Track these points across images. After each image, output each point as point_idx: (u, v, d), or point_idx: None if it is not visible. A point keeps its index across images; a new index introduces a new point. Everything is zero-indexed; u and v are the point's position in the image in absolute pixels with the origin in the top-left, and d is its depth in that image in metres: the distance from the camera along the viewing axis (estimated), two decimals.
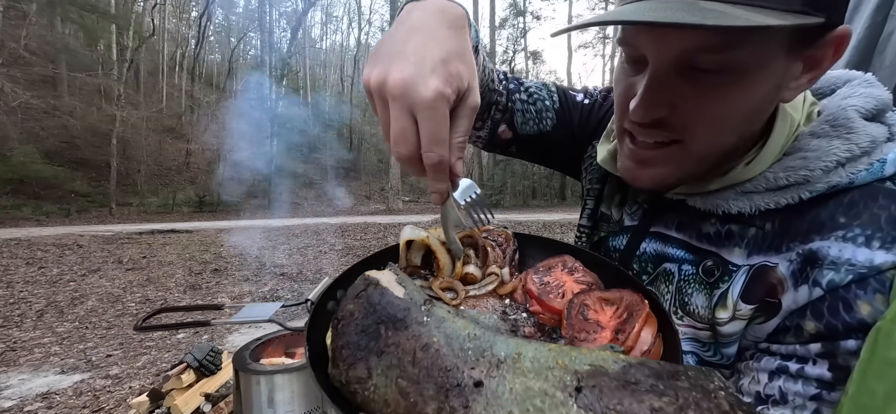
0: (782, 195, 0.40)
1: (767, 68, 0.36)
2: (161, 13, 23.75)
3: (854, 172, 0.38)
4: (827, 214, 0.38)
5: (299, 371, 1.56)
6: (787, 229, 0.40)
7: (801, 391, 0.37)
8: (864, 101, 0.42)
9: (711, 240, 0.44)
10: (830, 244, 0.37)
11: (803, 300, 0.37)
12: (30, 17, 13.50)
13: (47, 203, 12.64)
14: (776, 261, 0.40)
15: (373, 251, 0.45)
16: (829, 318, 0.36)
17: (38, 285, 4.57)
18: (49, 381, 2.53)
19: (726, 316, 0.42)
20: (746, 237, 0.42)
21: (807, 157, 0.39)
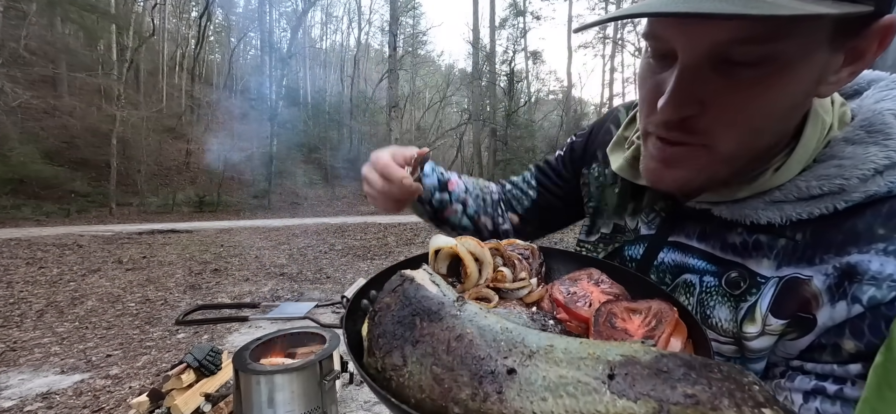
0: (816, 205, 0.37)
1: (809, 60, 0.33)
2: (161, 13, 23.74)
3: (893, 181, 0.35)
4: (864, 225, 0.35)
5: (299, 371, 1.56)
6: (820, 240, 0.37)
7: (840, 413, 0.35)
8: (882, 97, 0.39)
9: (737, 250, 0.42)
10: (870, 258, 0.34)
11: (841, 317, 0.35)
12: (30, 17, 13.50)
13: (47, 203, 12.63)
14: (809, 273, 0.37)
15: (373, 251, 0.46)
16: (870, 337, 0.33)
17: (38, 285, 4.57)
18: (49, 381, 2.53)
19: (755, 330, 0.40)
20: (776, 248, 0.39)
21: (842, 165, 0.37)
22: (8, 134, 12.62)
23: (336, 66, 34.51)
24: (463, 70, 31.68)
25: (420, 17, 31.55)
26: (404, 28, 28.00)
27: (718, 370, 0.25)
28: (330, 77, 35.14)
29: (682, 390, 0.23)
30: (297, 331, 2.03)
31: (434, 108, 31.56)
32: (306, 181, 21.70)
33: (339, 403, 2.20)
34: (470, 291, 0.39)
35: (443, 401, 0.25)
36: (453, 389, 0.25)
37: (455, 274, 0.42)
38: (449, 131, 29.88)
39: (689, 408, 0.23)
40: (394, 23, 16.82)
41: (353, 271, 5.67)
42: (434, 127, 31.27)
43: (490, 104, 23.23)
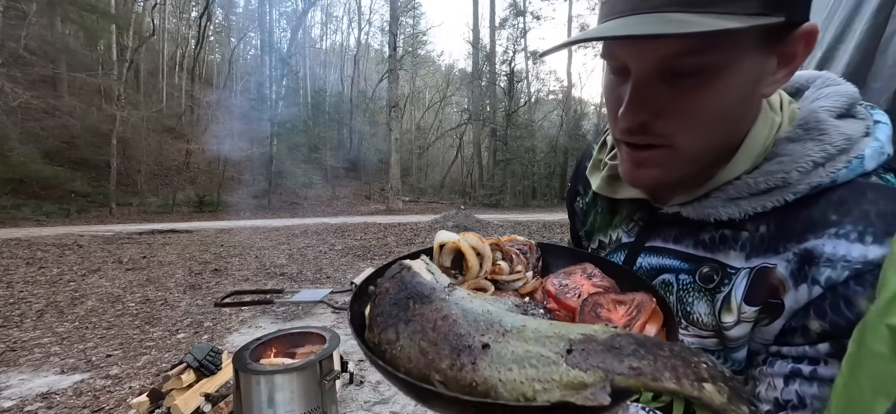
0: (767, 199, 0.41)
1: (741, 66, 0.38)
2: (161, 13, 23.74)
3: (834, 171, 0.39)
4: (819, 213, 0.39)
5: (299, 371, 1.56)
6: (782, 231, 0.41)
7: (818, 394, 0.37)
8: (833, 101, 0.43)
9: (707, 247, 0.46)
10: (824, 242, 0.37)
11: (805, 299, 0.38)
12: (30, 17, 13.50)
13: (47, 203, 12.63)
14: (775, 261, 0.40)
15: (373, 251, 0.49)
16: (833, 316, 0.36)
17: (38, 285, 4.57)
18: (49, 381, 2.53)
19: (732, 320, 0.43)
20: (740, 240, 0.43)
21: (783, 161, 0.41)
22: (8, 134, 12.62)
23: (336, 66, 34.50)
24: (463, 70, 31.68)
25: (420, 17, 31.55)
26: (404, 28, 28.00)
27: (669, 350, 0.27)
28: (330, 77, 35.13)
29: (629, 364, 0.26)
30: (297, 331, 2.03)
31: (434, 108, 31.56)
32: (306, 181, 21.68)
33: (339, 403, 2.20)
34: (469, 283, 0.42)
35: (426, 370, 0.29)
36: (435, 360, 0.29)
37: (458, 267, 0.46)
38: (449, 131, 29.88)
39: (632, 378, 0.26)
40: (394, 23, 16.82)
41: (352, 271, 5.67)
42: (434, 127, 31.26)
43: (490, 104, 23.23)
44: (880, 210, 0.36)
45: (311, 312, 3.94)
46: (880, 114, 0.44)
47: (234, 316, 3.79)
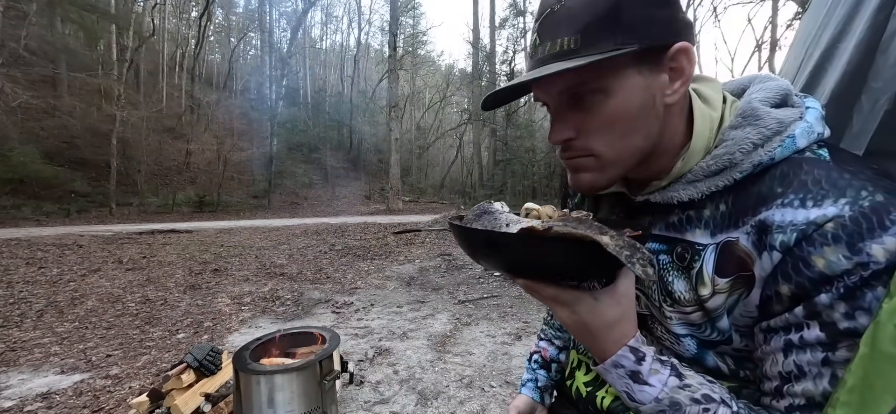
0: (719, 179, 0.48)
1: (627, 84, 0.46)
2: (161, 13, 23.75)
3: (771, 150, 0.46)
4: (766, 188, 0.45)
5: (299, 371, 1.56)
6: (738, 207, 0.47)
7: (812, 359, 0.41)
8: (766, 94, 0.50)
9: (676, 228, 0.52)
10: (774, 212, 0.43)
11: (769, 266, 0.43)
12: (30, 17, 13.50)
13: (47, 203, 12.63)
14: (736, 235, 0.46)
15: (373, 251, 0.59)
16: (796, 277, 0.41)
17: (38, 285, 4.57)
18: (49, 381, 2.53)
19: (707, 292, 0.48)
20: (703, 219, 0.50)
21: (728, 146, 0.48)
22: (8, 134, 12.62)
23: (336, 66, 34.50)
24: (463, 70, 31.69)
25: (420, 17, 31.56)
26: (404, 28, 28.00)
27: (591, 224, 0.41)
28: (330, 77, 35.13)
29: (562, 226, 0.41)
30: (297, 331, 2.03)
31: (434, 108, 31.56)
32: (306, 181, 21.69)
33: (339, 403, 2.20)
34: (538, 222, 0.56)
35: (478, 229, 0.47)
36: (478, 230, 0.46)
37: None
38: (449, 131, 29.88)
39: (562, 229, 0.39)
40: (394, 23, 16.81)
41: (352, 271, 5.67)
42: (434, 127, 31.27)
43: None
44: (815, 178, 0.42)
45: (311, 312, 3.94)
46: (812, 101, 0.51)
47: (233, 316, 3.79)
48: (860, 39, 0.64)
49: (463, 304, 4.04)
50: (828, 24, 0.75)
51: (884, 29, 0.61)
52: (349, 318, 3.74)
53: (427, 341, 3.12)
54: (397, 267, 5.95)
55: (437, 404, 2.24)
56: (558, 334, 0.87)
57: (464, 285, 4.80)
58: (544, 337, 0.88)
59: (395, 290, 4.73)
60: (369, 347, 3.00)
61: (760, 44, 16.39)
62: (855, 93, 0.64)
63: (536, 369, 0.85)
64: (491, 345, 3.04)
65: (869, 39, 0.63)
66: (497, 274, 5.07)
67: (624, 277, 0.46)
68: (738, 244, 0.45)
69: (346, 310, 3.97)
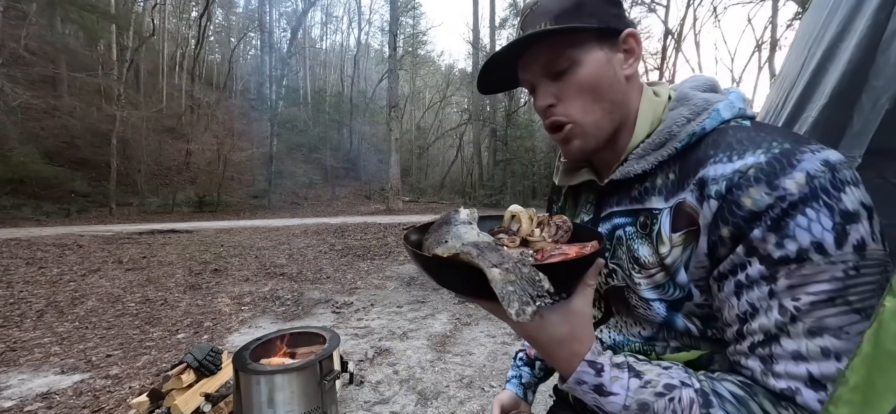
0: (663, 151, 0.57)
1: (591, 57, 0.57)
2: (161, 13, 23.74)
3: (701, 123, 0.55)
4: (702, 152, 0.53)
5: (299, 371, 1.56)
6: (682, 172, 0.55)
7: (760, 294, 0.46)
8: (696, 83, 0.61)
9: (638, 199, 0.60)
10: (709, 169, 0.50)
11: (710, 214, 0.49)
12: (30, 17, 13.50)
13: (47, 203, 12.63)
14: (684, 195, 0.53)
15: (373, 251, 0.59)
16: (731, 218, 0.47)
17: (38, 285, 4.57)
18: (49, 381, 2.53)
19: (666, 250, 0.55)
20: (656, 187, 0.58)
21: (666, 122, 0.57)
22: (8, 134, 12.62)
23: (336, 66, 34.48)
24: (463, 70, 31.66)
25: (420, 17, 31.53)
26: (404, 28, 27.98)
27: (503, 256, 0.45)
28: (330, 77, 35.11)
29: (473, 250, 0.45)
30: (297, 331, 2.02)
31: (434, 108, 31.53)
32: (306, 181, 21.68)
33: (339, 403, 2.20)
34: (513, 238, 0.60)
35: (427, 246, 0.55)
36: (430, 242, 0.55)
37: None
38: (449, 131, 29.86)
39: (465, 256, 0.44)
40: (394, 23, 16.81)
41: (352, 271, 5.67)
42: (434, 127, 31.25)
43: (490, 104, 23.22)
44: (738, 139, 0.51)
45: (311, 312, 3.94)
46: (735, 90, 0.59)
47: (234, 316, 3.79)
48: (861, 38, 0.64)
49: (463, 304, 4.04)
50: (830, 24, 0.75)
51: (885, 28, 0.60)
52: (349, 318, 3.73)
53: (427, 341, 3.12)
54: (397, 267, 5.94)
55: (437, 404, 2.24)
56: None
57: None
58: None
59: (395, 290, 4.73)
60: (369, 347, 3.00)
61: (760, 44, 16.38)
62: (856, 92, 0.64)
63: (521, 366, 0.92)
64: (491, 345, 3.04)
65: (870, 38, 0.63)
66: None
67: (579, 297, 0.49)
68: (686, 202, 0.53)
69: (346, 310, 3.97)
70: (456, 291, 0.48)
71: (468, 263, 0.43)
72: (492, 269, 0.41)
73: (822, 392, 0.42)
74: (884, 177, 0.58)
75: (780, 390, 0.44)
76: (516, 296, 0.38)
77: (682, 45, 18.96)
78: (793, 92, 0.84)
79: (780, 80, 0.96)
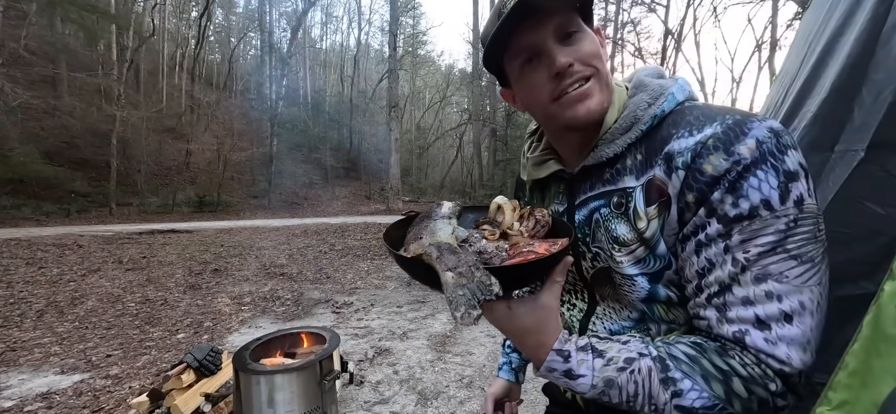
0: (630, 134, 0.60)
1: (589, 32, 0.62)
2: (161, 13, 23.73)
3: (660, 105, 0.59)
4: (665, 131, 0.57)
5: (299, 371, 1.56)
6: (649, 152, 0.59)
7: (716, 251, 0.50)
8: (648, 71, 0.66)
9: (611, 181, 0.63)
10: (673, 144, 0.55)
11: (678, 184, 0.53)
12: (30, 17, 13.50)
13: (47, 203, 12.63)
14: (653, 172, 0.57)
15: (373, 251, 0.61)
16: (696, 184, 0.51)
17: (38, 285, 4.57)
18: (49, 381, 2.53)
19: (643, 224, 0.58)
20: (627, 167, 0.61)
21: (630, 108, 0.62)
22: (8, 134, 12.62)
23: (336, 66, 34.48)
24: (463, 70, 31.64)
25: (420, 17, 31.54)
26: (404, 28, 27.98)
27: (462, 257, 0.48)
28: (330, 77, 35.10)
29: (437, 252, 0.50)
30: (297, 331, 2.02)
31: (434, 108, 31.53)
32: (306, 181, 21.67)
33: (339, 403, 2.20)
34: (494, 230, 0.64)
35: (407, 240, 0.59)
36: (408, 237, 0.59)
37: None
38: (449, 131, 29.84)
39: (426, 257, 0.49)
40: (394, 23, 16.81)
41: (352, 271, 5.66)
42: (434, 127, 31.24)
43: (490, 104, 23.20)
44: (695, 116, 0.56)
45: (311, 312, 3.94)
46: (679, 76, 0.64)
47: (234, 316, 3.79)
48: (860, 32, 0.64)
49: None
50: (830, 19, 0.75)
51: (884, 21, 0.60)
52: (349, 318, 3.73)
53: (427, 341, 3.11)
54: (397, 267, 5.94)
55: (437, 404, 2.24)
56: None
57: None
58: None
59: (395, 290, 4.73)
60: (369, 347, 3.00)
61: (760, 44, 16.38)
62: (855, 86, 0.63)
63: (509, 353, 0.97)
64: (491, 345, 3.04)
65: (869, 32, 0.62)
66: None
67: (546, 292, 0.54)
68: (656, 177, 0.56)
69: (346, 310, 3.97)
70: (429, 286, 0.52)
71: (427, 264, 0.48)
72: (446, 273, 0.45)
73: (766, 331, 0.47)
74: (886, 170, 0.58)
75: (733, 334, 0.49)
76: (464, 300, 0.42)
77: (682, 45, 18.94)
78: (792, 87, 0.83)
79: (781, 78, 0.96)
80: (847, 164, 0.62)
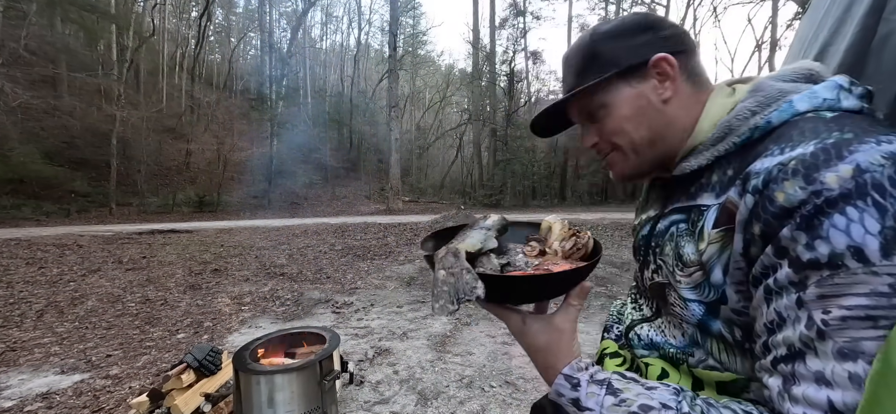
0: (720, 146, 0.53)
1: (622, 96, 0.59)
2: (161, 13, 23.74)
3: (767, 115, 0.49)
4: (763, 147, 0.48)
5: (299, 371, 1.56)
6: (740, 169, 0.49)
7: (788, 303, 0.41)
8: (783, 72, 0.55)
9: (692, 196, 0.57)
10: (756, 163, 0.45)
11: (745, 211, 0.45)
12: (30, 17, 13.50)
13: (47, 203, 12.64)
14: (730, 191, 0.49)
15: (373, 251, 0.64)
16: (763, 215, 0.43)
17: (38, 285, 4.57)
18: (49, 381, 2.54)
19: (704, 245, 0.51)
20: (711, 183, 0.54)
21: (729, 116, 0.53)
22: (8, 134, 12.62)
23: (336, 66, 34.48)
24: (463, 70, 31.63)
25: (420, 17, 31.56)
26: (404, 28, 27.99)
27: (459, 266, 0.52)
28: (330, 77, 35.11)
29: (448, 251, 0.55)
30: (297, 331, 2.03)
31: (434, 108, 31.53)
32: (306, 181, 21.67)
33: (339, 403, 2.20)
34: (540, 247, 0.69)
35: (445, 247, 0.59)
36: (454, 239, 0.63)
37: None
38: (449, 131, 29.84)
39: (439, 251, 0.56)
40: (394, 23, 16.81)
41: (352, 271, 5.67)
42: (434, 127, 31.24)
43: (490, 104, 23.21)
44: (800, 130, 0.45)
45: (311, 312, 3.94)
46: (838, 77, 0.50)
47: (234, 316, 3.79)
48: (851, 43, 0.64)
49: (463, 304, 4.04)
50: (823, 26, 0.75)
51: (874, 32, 0.60)
52: (349, 318, 3.74)
53: (427, 341, 3.12)
54: (397, 267, 5.95)
55: (437, 404, 2.24)
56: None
57: None
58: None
59: (395, 290, 4.73)
60: (369, 347, 3.00)
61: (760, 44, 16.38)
62: None
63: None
64: (491, 345, 3.04)
65: (859, 42, 0.62)
66: None
67: (561, 313, 0.54)
68: (729, 198, 0.48)
69: (346, 310, 3.97)
70: None
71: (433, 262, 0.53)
72: (440, 270, 0.49)
73: None
74: None
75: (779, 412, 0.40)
76: (445, 294, 0.46)
77: None
78: None
79: None
80: None
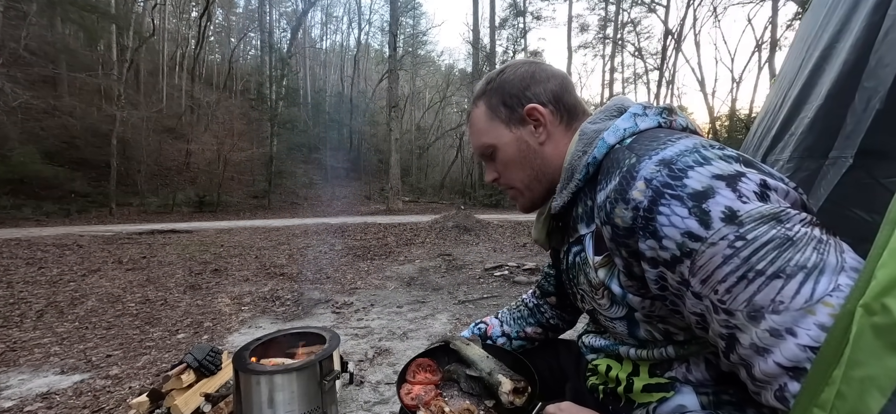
0: (571, 184, 0.62)
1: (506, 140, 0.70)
2: (161, 13, 23.72)
3: (592, 154, 0.59)
4: (598, 180, 0.58)
5: (299, 371, 1.56)
6: (593, 200, 0.59)
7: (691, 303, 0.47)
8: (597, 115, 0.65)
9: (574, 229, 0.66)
10: (597, 196, 0.56)
11: (609, 237, 0.53)
12: (30, 17, 13.49)
13: (47, 203, 12.62)
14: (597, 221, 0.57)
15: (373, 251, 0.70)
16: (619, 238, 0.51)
17: (38, 285, 4.57)
18: (49, 381, 2.54)
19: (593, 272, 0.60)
20: (580, 215, 0.64)
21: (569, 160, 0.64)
22: (8, 134, 12.61)
23: (336, 66, 34.48)
24: (463, 70, 31.63)
25: (420, 17, 31.53)
26: (404, 28, 27.97)
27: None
28: (330, 77, 35.10)
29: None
30: (297, 331, 2.03)
31: (434, 108, 31.51)
32: (306, 181, 21.68)
33: (339, 403, 2.20)
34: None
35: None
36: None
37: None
38: (449, 131, 29.83)
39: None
40: (394, 23, 16.81)
41: (352, 271, 5.67)
42: (434, 127, 31.24)
43: None
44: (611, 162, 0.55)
45: (311, 312, 3.94)
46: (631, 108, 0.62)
47: (234, 316, 3.79)
48: (856, 39, 0.64)
49: (463, 304, 4.04)
50: (828, 24, 0.75)
51: (878, 29, 0.61)
52: (349, 318, 3.74)
53: (427, 341, 3.12)
54: (397, 267, 5.95)
55: None
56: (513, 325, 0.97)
57: (464, 285, 4.80)
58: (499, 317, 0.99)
59: (395, 290, 4.73)
60: (369, 347, 3.00)
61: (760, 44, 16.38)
62: (850, 92, 0.64)
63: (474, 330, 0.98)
64: None
65: (864, 39, 0.63)
66: (497, 276, 5.07)
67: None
68: (598, 227, 0.57)
69: (346, 310, 3.97)
70: None
71: None
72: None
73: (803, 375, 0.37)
74: (873, 176, 0.58)
75: (775, 396, 0.40)
76: None
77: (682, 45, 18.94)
78: (790, 92, 0.84)
79: (780, 81, 0.96)
80: (837, 171, 0.63)
